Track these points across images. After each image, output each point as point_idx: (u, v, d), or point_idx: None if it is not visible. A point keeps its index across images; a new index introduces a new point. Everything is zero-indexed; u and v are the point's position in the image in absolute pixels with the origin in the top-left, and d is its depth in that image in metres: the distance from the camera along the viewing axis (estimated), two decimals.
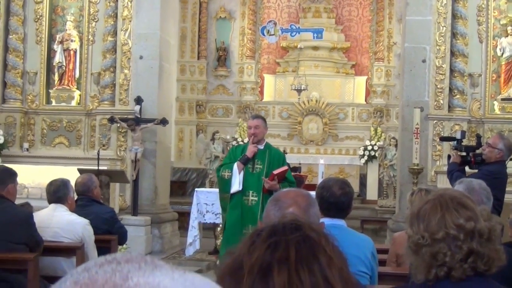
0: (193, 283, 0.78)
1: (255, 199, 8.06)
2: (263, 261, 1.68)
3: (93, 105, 14.15)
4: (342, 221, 4.78)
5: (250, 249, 1.72)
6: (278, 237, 1.73)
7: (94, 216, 7.33)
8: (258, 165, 8.18)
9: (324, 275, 1.65)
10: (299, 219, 1.86)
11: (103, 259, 0.79)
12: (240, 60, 22.93)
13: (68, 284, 0.75)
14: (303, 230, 1.76)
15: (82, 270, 0.77)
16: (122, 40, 13.86)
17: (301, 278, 1.63)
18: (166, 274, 0.77)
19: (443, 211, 2.84)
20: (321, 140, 21.94)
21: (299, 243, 1.71)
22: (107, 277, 0.74)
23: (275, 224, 1.82)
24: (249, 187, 8.11)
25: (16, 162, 13.03)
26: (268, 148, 8.41)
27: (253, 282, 1.65)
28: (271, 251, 1.70)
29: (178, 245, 14.17)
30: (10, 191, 6.43)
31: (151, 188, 13.70)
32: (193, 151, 22.28)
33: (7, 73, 14.32)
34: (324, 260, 1.68)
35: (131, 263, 0.77)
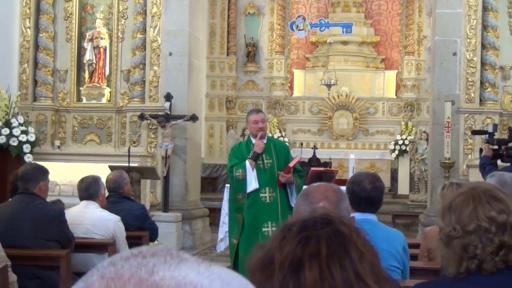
0: (219, 276, 0.77)
1: (273, 195, 7.91)
2: (294, 256, 1.67)
3: (123, 102, 14.21)
4: (373, 216, 4.75)
5: (281, 244, 1.72)
6: (309, 232, 1.72)
7: (125, 213, 7.37)
8: (267, 160, 7.98)
9: (355, 270, 1.64)
10: (330, 214, 1.85)
11: (129, 253, 0.79)
12: (270, 56, 22.91)
13: (95, 278, 0.75)
14: (334, 225, 1.75)
15: (108, 264, 0.77)
16: (151, 37, 13.90)
17: (333, 273, 1.62)
18: (192, 267, 0.77)
19: (475, 203, 2.81)
20: (352, 135, 21.87)
21: (330, 238, 1.70)
22: (133, 271, 0.74)
23: (306, 219, 1.81)
24: (264, 184, 7.91)
25: (47, 159, 13.10)
26: (271, 141, 8.33)
27: (284, 277, 1.64)
28: (302, 246, 1.69)
29: (209, 241, 14.18)
30: (41, 188, 6.46)
31: (182, 185, 13.73)
32: (223, 147, 22.29)
33: (38, 72, 14.41)
34: (355, 255, 1.67)
35: (156, 257, 0.77)
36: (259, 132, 7.95)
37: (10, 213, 6.29)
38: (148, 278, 0.73)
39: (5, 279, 5.29)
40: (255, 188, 7.91)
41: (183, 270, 0.76)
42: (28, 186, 6.40)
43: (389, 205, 17.30)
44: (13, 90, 13.69)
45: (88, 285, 0.74)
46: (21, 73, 14.36)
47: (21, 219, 6.21)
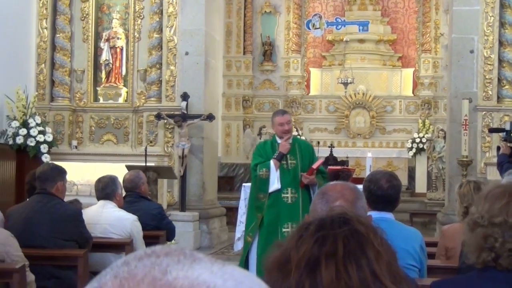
0: (232, 275, 0.78)
1: (295, 196, 7.88)
2: (310, 256, 1.67)
3: (140, 102, 14.24)
4: (390, 214, 4.73)
5: (298, 243, 1.72)
6: (326, 231, 1.72)
7: (142, 212, 7.38)
8: (292, 160, 7.95)
9: (372, 269, 1.63)
10: (347, 213, 1.85)
11: (142, 253, 0.79)
12: (286, 55, 22.90)
13: (108, 278, 0.75)
14: (351, 224, 1.75)
15: (122, 264, 0.77)
16: (167, 37, 13.92)
17: (349, 273, 1.62)
18: (205, 267, 0.77)
19: (510, 198, 2.81)
20: (369, 133, 21.83)
21: (347, 238, 1.70)
22: (146, 271, 0.74)
23: (323, 218, 1.81)
24: (286, 185, 7.89)
25: (65, 159, 13.14)
26: (296, 141, 8.25)
27: (301, 277, 1.65)
28: (318, 246, 1.69)
29: (226, 240, 14.19)
30: (59, 188, 6.48)
31: (199, 184, 13.74)
32: (240, 146, 22.31)
33: (55, 72, 14.47)
34: (372, 254, 1.66)
35: (170, 257, 0.77)
36: (285, 134, 7.94)
37: (28, 213, 6.31)
38: (162, 278, 0.73)
39: (23, 279, 5.31)
40: (277, 188, 7.90)
41: (196, 269, 0.76)
42: (46, 186, 6.42)
43: (407, 204, 17.24)
44: (31, 91, 13.75)
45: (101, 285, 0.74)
46: (38, 73, 14.42)
47: (39, 219, 6.23)
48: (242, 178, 21.42)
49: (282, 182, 7.90)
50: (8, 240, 5.34)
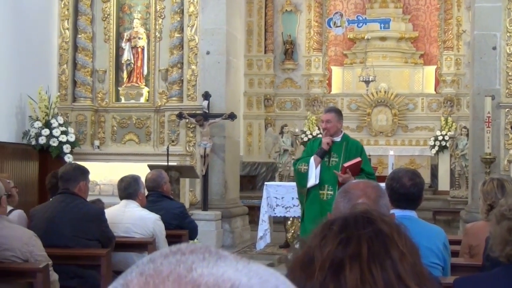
0: (257, 273, 0.77)
1: (331, 193, 7.88)
2: (334, 257, 1.66)
3: (162, 101, 14.27)
4: (413, 213, 4.70)
5: (322, 243, 1.70)
6: (350, 232, 1.71)
7: (165, 212, 7.40)
8: (334, 158, 7.96)
9: (396, 271, 1.62)
10: (371, 212, 1.83)
11: (168, 250, 0.79)
12: (307, 53, 22.86)
13: (134, 275, 0.76)
14: (376, 224, 1.73)
15: (148, 261, 0.78)
16: (188, 36, 13.95)
17: (374, 275, 1.61)
18: (230, 264, 0.77)
19: None
20: (391, 131, 21.75)
21: (371, 239, 1.68)
22: (172, 268, 0.75)
23: (346, 217, 1.79)
24: (325, 181, 7.92)
25: (87, 159, 13.20)
26: (346, 140, 8.19)
27: (325, 278, 1.63)
28: (342, 247, 1.68)
29: (249, 239, 14.20)
30: (82, 188, 6.50)
31: (221, 183, 13.75)
32: (262, 145, 22.28)
33: (77, 72, 14.54)
34: (396, 255, 1.65)
35: (195, 254, 0.78)
36: (324, 131, 8.07)
37: (51, 213, 6.34)
38: (187, 275, 0.74)
39: (47, 278, 5.33)
40: (313, 184, 7.94)
41: (221, 267, 0.76)
42: (69, 186, 6.45)
43: (430, 202, 17.16)
44: (53, 91, 13.82)
45: (127, 282, 0.75)
46: (60, 74, 14.49)
47: (62, 218, 6.26)
48: (264, 177, 21.39)
49: (322, 178, 7.95)
50: (32, 240, 5.36)
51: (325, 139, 7.97)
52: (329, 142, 7.93)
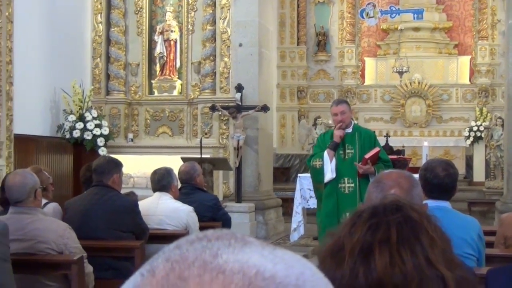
0: (283, 259, 0.78)
1: (352, 186, 7.82)
2: (364, 242, 1.68)
3: (195, 94, 14.31)
4: (447, 203, 4.65)
5: (351, 230, 1.72)
6: (379, 218, 1.72)
7: (198, 204, 7.41)
8: (349, 150, 7.88)
9: (426, 256, 1.62)
10: (400, 200, 1.84)
11: (194, 237, 0.81)
12: (340, 44, 22.74)
13: (160, 261, 0.77)
14: (404, 211, 1.74)
15: (174, 248, 0.79)
16: (221, 29, 13.96)
17: (403, 259, 1.61)
18: (256, 250, 0.77)
19: None
20: (425, 122, 21.60)
21: (400, 224, 1.69)
22: (197, 254, 0.76)
23: (375, 205, 1.81)
24: (344, 174, 7.84)
25: (121, 152, 13.28)
26: (357, 130, 8.12)
27: (354, 264, 1.65)
28: (372, 232, 1.69)
29: (282, 231, 14.19)
30: (115, 181, 6.54)
31: (254, 175, 13.76)
32: (295, 137, 22.25)
33: (110, 66, 14.62)
34: (426, 241, 1.65)
35: (221, 240, 0.78)
36: (339, 124, 7.91)
37: (85, 206, 6.39)
38: (212, 261, 0.74)
39: (82, 270, 5.36)
40: (330, 178, 7.86)
41: (246, 253, 0.76)
42: (102, 179, 6.49)
43: (465, 193, 17.04)
44: (87, 85, 13.92)
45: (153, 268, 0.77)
46: (93, 67, 14.59)
47: (96, 211, 6.30)
48: (298, 168, 21.34)
49: (339, 171, 7.86)
50: (66, 232, 5.40)
51: (337, 131, 7.87)
52: (341, 135, 7.85)
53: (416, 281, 1.59)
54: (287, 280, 0.75)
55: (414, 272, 1.60)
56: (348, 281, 1.63)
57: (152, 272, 0.76)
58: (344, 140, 7.91)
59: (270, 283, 0.73)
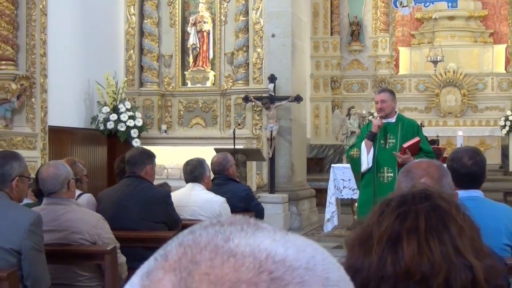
0: (294, 243, 0.78)
1: (391, 175, 7.77)
2: (392, 231, 1.68)
3: (228, 85, 14.32)
4: (478, 192, 4.57)
5: (380, 219, 1.73)
6: (408, 207, 1.72)
7: (231, 195, 7.42)
8: (391, 139, 7.84)
9: (454, 244, 1.61)
10: (429, 189, 1.83)
11: (208, 222, 0.82)
12: (374, 34, 22.63)
13: (173, 246, 0.79)
14: (433, 200, 1.73)
15: (188, 233, 0.81)
16: (254, 19, 13.95)
17: (431, 248, 1.61)
18: (268, 235, 0.78)
19: None
20: (460, 111, 21.43)
21: (428, 213, 1.69)
22: (210, 239, 0.77)
23: (404, 194, 1.81)
24: (383, 163, 7.82)
25: (155, 144, 13.35)
26: (401, 120, 8.02)
27: (382, 252, 1.66)
28: (400, 221, 1.70)
29: (316, 222, 14.17)
30: (148, 172, 6.56)
31: (288, 166, 13.74)
32: (329, 128, 22.18)
33: (144, 57, 14.68)
34: (454, 229, 1.64)
35: (233, 225, 0.79)
36: (379, 112, 7.92)
37: (118, 197, 6.42)
38: (224, 245, 0.76)
39: (115, 260, 5.39)
40: (366, 168, 7.86)
41: (258, 237, 0.77)
42: (135, 170, 6.51)
43: (500, 183, 16.88)
44: (120, 77, 13.98)
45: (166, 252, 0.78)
46: (127, 59, 14.65)
47: (129, 202, 6.32)
48: (332, 159, 21.30)
49: (379, 161, 7.85)
50: (99, 223, 5.42)
51: (375, 121, 7.85)
52: (379, 125, 7.82)
53: (444, 270, 1.59)
54: (297, 263, 0.75)
55: (442, 261, 1.59)
56: (376, 270, 1.64)
57: (165, 256, 0.78)
58: (385, 129, 7.88)
59: (280, 266, 0.74)
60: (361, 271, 1.66)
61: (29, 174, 5.39)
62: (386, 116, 7.91)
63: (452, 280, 1.58)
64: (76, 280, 5.37)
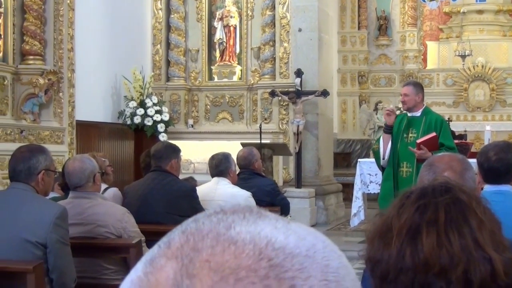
0: (295, 231, 0.79)
1: (409, 170, 7.73)
2: (412, 223, 1.69)
3: (254, 79, 14.33)
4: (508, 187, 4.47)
5: (399, 211, 1.74)
6: (428, 199, 1.73)
7: (256, 189, 7.42)
8: (412, 133, 7.79)
9: (474, 237, 1.61)
10: (449, 182, 1.82)
11: (212, 211, 0.83)
12: (402, 28, 22.51)
13: (176, 233, 0.80)
14: (453, 192, 1.73)
15: (191, 221, 0.82)
16: (280, 14, 13.93)
17: (451, 241, 1.61)
18: (269, 223, 0.79)
19: None
20: (488, 106, 21.28)
21: (448, 205, 1.69)
22: (212, 227, 0.78)
23: (424, 187, 1.81)
24: (403, 158, 7.77)
25: (181, 138, 13.39)
26: (426, 114, 7.95)
27: (402, 244, 1.66)
28: (420, 213, 1.70)
29: (343, 217, 14.14)
30: (173, 166, 6.58)
31: (314, 160, 13.72)
32: (356, 122, 22.14)
33: (170, 52, 14.71)
34: (474, 222, 1.64)
35: (236, 214, 0.81)
36: (402, 105, 8.02)
37: (143, 190, 6.45)
38: (225, 233, 0.77)
39: (140, 254, 5.40)
40: (383, 161, 7.88)
41: (259, 225, 0.79)
42: (160, 164, 6.54)
43: None
44: (147, 71, 14.04)
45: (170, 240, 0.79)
46: (154, 54, 14.70)
47: (154, 195, 6.35)
48: (359, 154, 21.23)
49: (401, 155, 7.83)
50: (125, 216, 5.45)
51: (384, 113, 7.89)
52: (389, 113, 7.82)
53: (463, 262, 1.58)
54: (297, 250, 0.76)
55: (461, 254, 1.59)
56: (395, 261, 1.64)
57: (168, 244, 0.79)
58: (409, 123, 7.85)
59: (280, 253, 0.75)
60: (380, 263, 1.66)
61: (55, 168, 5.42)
62: (410, 110, 7.89)
63: (471, 272, 1.57)
64: (102, 274, 5.41)
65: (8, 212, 4.59)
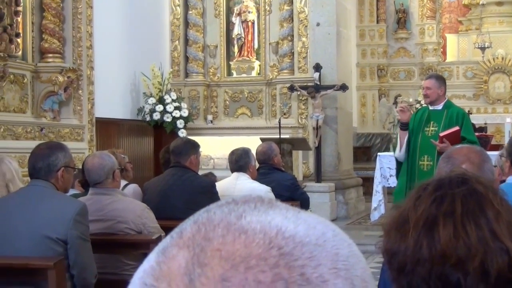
0: (305, 220, 0.80)
1: (430, 164, 7.72)
2: (428, 215, 1.68)
3: (273, 74, 14.32)
4: None
5: (416, 203, 1.74)
6: (444, 191, 1.73)
7: (276, 184, 7.43)
8: (433, 127, 7.78)
9: (491, 229, 1.61)
10: (466, 173, 1.82)
11: (224, 201, 0.84)
12: (421, 21, 22.42)
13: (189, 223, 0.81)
14: (470, 184, 1.73)
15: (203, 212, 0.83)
16: (298, 8, 13.91)
17: (467, 232, 1.61)
18: (280, 213, 0.80)
19: None
20: (509, 98, 21.16)
21: (465, 197, 1.69)
22: (223, 217, 0.79)
23: (441, 178, 1.81)
24: (424, 151, 7.78)
25: (201, 134, 13.41)
26: (447, 107, 7.92)
27: (419, 236, 1.66)
28: (436, 205, 1.70)
29: (363, 211, 14.12)
30: (192, 161, 6.60)
31: (334, 155, 13.71)
32: (376, 116, 22.09)
33: (189, 48, 14.73)
34: (491, 213, 1.64)
35: (247, 204, 0.82)
36: (424, 99, 8.06)
37: (163, 186, 6.47)
38: (236, 222, 0.78)
39: None
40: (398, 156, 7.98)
41: (270, 214, 0.79)
42: (180, 160, 6.56)
43: None
44: (166, 67, 14.06)
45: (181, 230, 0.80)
46: (172, 50, 14.72)
47: (174, 191, 6.37)
48: (379, 148, 21.18)
49: (422, 148, 7.83)
50: (144, 212, 5.47)
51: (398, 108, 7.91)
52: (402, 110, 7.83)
53: (480, 254, 1.58)
54: (307, 239, 0.76)
55: (478, 245, 1.59)
56: (412, 253, 1.64)
57: (180, 233, 0.80)
58: (430, 117, 7.85)
59: (290, 242, 0.75)
60: (397, 255, 1.67)
61: (75, 165, 5.44)
62: (433, 103, 7.88)
63: (488, 263, 1.57)
64: (122, 269, 5.43)
65: (28, 209, 4.61)
